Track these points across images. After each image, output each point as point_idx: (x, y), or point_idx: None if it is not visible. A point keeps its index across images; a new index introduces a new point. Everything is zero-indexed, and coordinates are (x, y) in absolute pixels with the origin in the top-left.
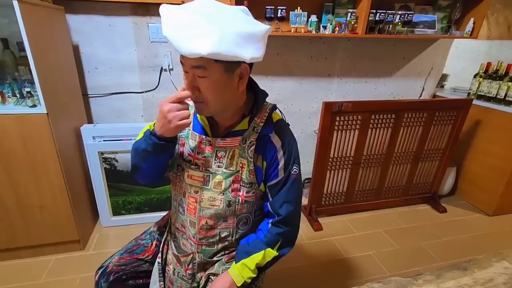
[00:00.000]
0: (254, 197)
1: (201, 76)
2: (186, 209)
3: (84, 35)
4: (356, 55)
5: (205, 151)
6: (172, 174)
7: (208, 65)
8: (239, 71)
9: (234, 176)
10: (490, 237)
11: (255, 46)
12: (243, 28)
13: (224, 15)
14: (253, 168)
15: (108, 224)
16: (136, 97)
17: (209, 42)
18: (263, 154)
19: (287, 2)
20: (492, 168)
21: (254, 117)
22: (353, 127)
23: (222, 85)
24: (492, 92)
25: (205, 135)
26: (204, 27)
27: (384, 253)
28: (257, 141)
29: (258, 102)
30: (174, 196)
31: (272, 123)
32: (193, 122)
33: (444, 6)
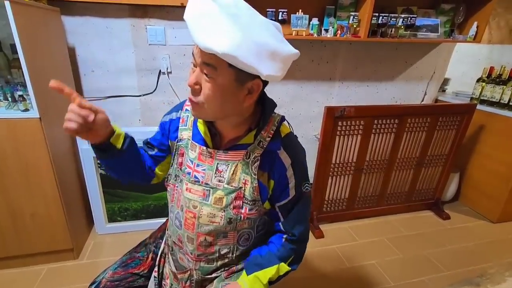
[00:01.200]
0: (257, 214)
1: (208, 75)
2: (183, 224)
3: (80, 37)
4: (358, 58)
5: (205, 164)
6: (169, 184)
7: (219, 67)
8: (250, 85)
9: (236, 193)
10: (495, 246)
11: (276, 64)
12: (269, 42)
13: (253, 22)
14: (257, 185)
15: (103, 232)
16: (134, 101)
17: (228, 42)
18: (270, 171)
19: (288, 5)
20: (496, 174)
21: (260, 131)
22: (355, 132)
23: (226, 93)
24: (496, 97)
25: (206, 146)
26: (229, 25)
27: (388, 262)
28: (262, 156)
29: (265, 114)
30: (171, 207)
31: (280, 138)
32: (193, 131)
33: (447, 10)
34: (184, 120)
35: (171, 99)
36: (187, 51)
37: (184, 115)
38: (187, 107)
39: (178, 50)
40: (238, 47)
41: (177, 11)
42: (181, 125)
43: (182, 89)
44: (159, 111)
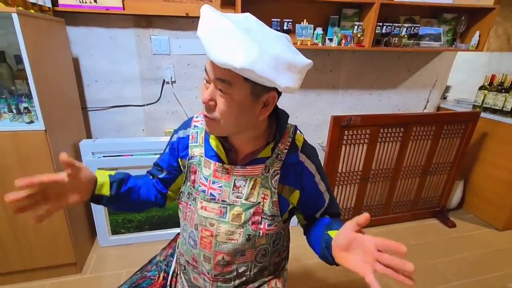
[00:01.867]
0: (275, 229)
1: (223, 91)
2: (199, 243)
3: (84, 48)
4: (361, 67)
5: (222, 180)
6: (181, 202)
7: (234, 82)
8: (265, 98)
9: (255, 208)
10: (503, 254)
11: (292, 76)
12: (284, 54)
13: (266, 35)
14: (276, 200)
15: (107, 244)
16: (137, 110)
17: (245, 56)
18: (296, 182)
19: (293, 15)
20: (501, 181)
21: (277, 143)
22: (361, 141)
23: (242, 108)
24: (498, 105)
25: (220, 162)
26: (244, 40)
27: None
28: (282, 169)
29: (281, 127)
30: (183, 226)
31: (298, 149)
32: (205, 147)
33: (449, 19)
34: (194, 137)
35: (175, 109)
36: (192, 60)
37: (193, 131)
38: (196, 123)
39: (182, 60)
40: (256, 61)
41: (181, 21)
42: (191, 142)
43: (186, 98)
44: (163, 121)
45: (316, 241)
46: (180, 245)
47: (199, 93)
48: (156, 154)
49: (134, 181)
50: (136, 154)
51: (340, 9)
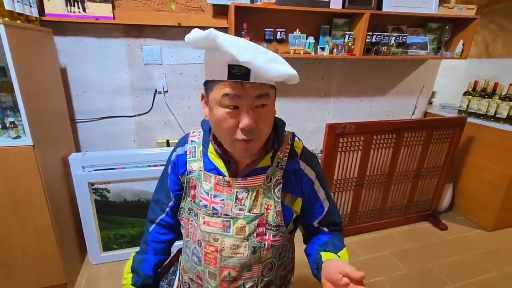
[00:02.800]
0: (281, 240)
1: (264, 105)
2: (203, 259)
3: (72, 58)
4: (351, 75)
5: (223, 193)
6: (183, 218)
7: (270, 92)
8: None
9: (258, 219)
10: (494, 254)
11: None
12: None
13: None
14: (280, 209)
15: (98, 261)
16: (128, 121)
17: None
18: (297, 190)
19: (286, 25)
20: (488, 183)
21: (276, 152)
22: (356, 148)
23: (274, 111)
24: (482, 109)
25: (221, 175)
26: (269, 52)
27: (394, 277)
28: (284, 178)
29: (279, 135)
30: (186, 242)
31: (298, 156)
32: (203, 161)
33: (434, 29)
34: (192, 152)
35: (168, 118)
36: (184, 69)
37: (191, 146)
38: (193, 138)
39: (174, 69)
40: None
41: (173, 31)
42: (189, 157)
43: (179, 108)
44: (155, 131)
45: (310, 258)
46: (183, 262)
47: (191, 103)
48: (149, 166)
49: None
50: (129, 166)
51: (331, 19)
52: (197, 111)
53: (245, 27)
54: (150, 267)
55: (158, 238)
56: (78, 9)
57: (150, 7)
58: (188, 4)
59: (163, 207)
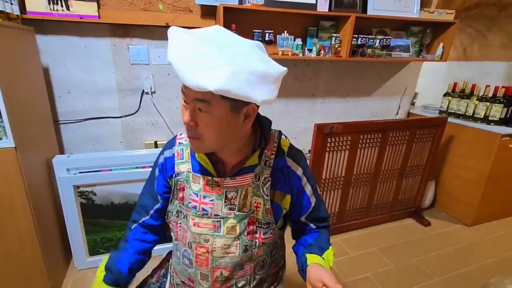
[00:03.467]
0: (272, 238)
1: (203, 110)
2: (194, 261)
3: (55, 57)
4: (338, 76)
5: (213, 194)
6: (171, 221)
7: (213, 100)
8: (245, 110)
9: (249, 218)
10: (474, 248)
11: (268, 87)
12: (258, 67)
13: (238, 49)
14: (270, 207)
15: (84, 266)
16: (115, 122)
17: (219, 78)
18: (286, 187)
19: (274, 26)
20: (468, 181)
21: (263, 150)
22: (343, 147)
23: (224, 124)
24: (462, 110)
25: (209, 176)
26: (216, 60)
27: (381, 273)
28: (273, 176)
29: (265, 133)
30: (176, 245)
31: (285, 153)
32: (191, 163)
33: (416, 32)
34: (180, 154)
35: (155, 119)
36: (171, 70)
37: (178, 148)
38: (180, 140)
39: (162, 70)
40: (230, 80)
41: (160, 30)
42: (176, 159)
43: (167, 108)
44: (142, 132)
45: (297, 258)
46: (174, 265)
47: (179, 103)
48: (137, 168)
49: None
50: (116, 168)
51: (318, 21)
52: None
53: (233, 28)
54: (126, 265)
55: (141, 237)
56: (61, 7)
57: (137, 7)
58: (176, 4)
59: (148, 210)
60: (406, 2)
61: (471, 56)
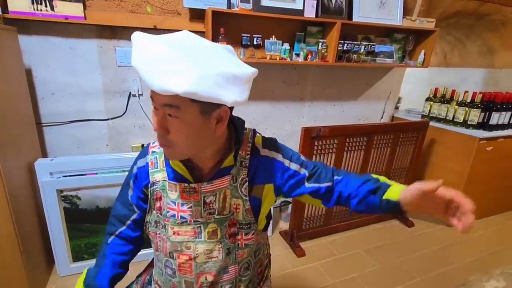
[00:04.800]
0: (254, 239)
1: (172, 115)
2: (177, 270)
3: (38, 58)
4: (325, 81)
5: (190, 200)
6: (150, 232)
7: (182, 105)
8: (217, 114)
9: (229, 220)
10: (455, 247)
11: (238, 88)
12: (226, 68)
13: (205, 51)
14: (249, 207)
15: (67, 273)
16: (100, 125)
17: (186, 80)
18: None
19: (262, 31)
20: (448, 182)
21: (238, 151)
22: (330, 150)
23: (196, 129)
24: (442, 114)
25: (186, 182)
26: (182, 63)
27: (367, 274)
28: (249, 175)
29: (238, 134)
30: (157, 256)
31: (259, 150)
32: (166, 171)
33: (399, 39)
34: (154, 163)
35: (142, 122)
36: None
37: (152, 157)
38: (153, 149)
39: None
40: (198, 82)
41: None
42: (151, 168)
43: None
44: (129, 135)
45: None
46: (157, 276)
47: None
48: (123, 171)
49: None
50: (102, 172)
51: (305, 26)
52: None
53: (222, 32)
54: (106, 280)
55: (118, 250)
56: (45, 7)
57: (124, 9)
58: (164, 7)
59: (124, 220)
60: (389, 10)
61: (452, 63)
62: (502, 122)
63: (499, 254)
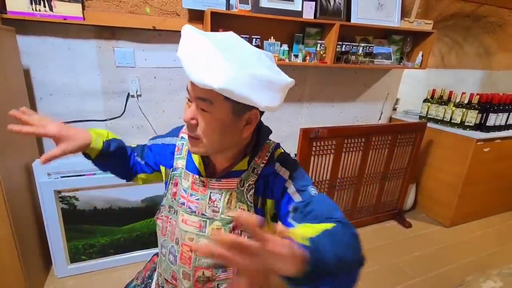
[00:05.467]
0: None
1: (204, 110)
2: (179, 258)
3: (36, 59)
4: (323, 82)
5: (198, 193)
6: (161, 217)
7: (215, 100)
8: (247, 116)
9: (234, 223)
10: (453, 248)
11: (271, 94)
12: (264, 73)
13: (247, 54)
14: (253, 213)
15: (65, 274)
16: (99, 125)
17: (223, 77)
18: (269, 191)
19: (261, 32)
20: (446, 183)
21: (254, 157)
22: (328, 151)
23: (224, 126)
24: (440, 115)
25: (198, 175)
26: (223, 60)
27: (366, 274)
28: (257, 183)
29: (260, 141)
30: (163, 242)
31: (274, 160)
32: (187, 159)
33: (397, 40)
34: (179, 149)
35: (141, 123)
36: (158, 73)
37: (180, 143)
38: (183, 135)
39: (148, 73)
40: (234, 80)
41: (147, 34)
42: (176, 153)
43: (153, 112)
44: (128, 136)
45: None
46: (159, 263)
47: (166, 107)
48: None
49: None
50: (100, 172)
51: (304, 28)
52: (173, 115)
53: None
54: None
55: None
56: (44, 8)
57: (123, 9)
58: (163, 8)
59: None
60: (387, 12)
61: (449, 64)
62: (499, 123)
63: (497, 254)
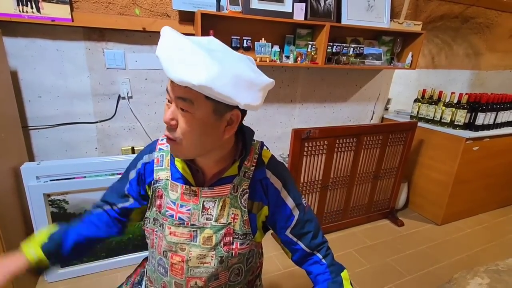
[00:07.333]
0: (248, 248)
1: (184, 110)
2: (169, 270)
3: (24, 60)
4: (315, 82)
5: (190, 203)
6: (147, 228)
7: (196, 100)
8: (228, 116)
9: (225, 229)
10: (444, 246)
11: (253, 94)
12: (245, 73)
13: (228, 56)
14: (247, 218)
15: (55, 279)
16: (89, 128)
17: (204, 74)
18: (263, 198)
19: (252, 33)
20: (436, 182)
21: (243, 161)
22: (320, 152)
23: (205, 127)
24: (430, 115)
25: (188, 185)
26: (203, 58)
27: (358, 273)
28: (250, 187)
29: (246, 144)
30: (151, 253)
31: (264, 164)
32: (171, 170)
33: (387, 41)
34: (159, 160)
35: (132, 125)
36: (149, 75)
37: (158, 154)
38: (161, 146)
39: (139, 74)
40: (215, 78)
41: (137, 35)
42: (156, 165)
43: (144, 114)
44: (119, 138)
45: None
46: (149, 273)
47: (157, 109)
48: (113, 174)
49: (75, 234)
50: (90, 175)
51: (295, 29)
52: None
53: (211, 34)
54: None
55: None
56: (31, 9)
57: (113, 11)
58: (153, 9)
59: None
60: (377, 13)
61: (439, 65)
62: (487, 122)
63: (485, 251)
